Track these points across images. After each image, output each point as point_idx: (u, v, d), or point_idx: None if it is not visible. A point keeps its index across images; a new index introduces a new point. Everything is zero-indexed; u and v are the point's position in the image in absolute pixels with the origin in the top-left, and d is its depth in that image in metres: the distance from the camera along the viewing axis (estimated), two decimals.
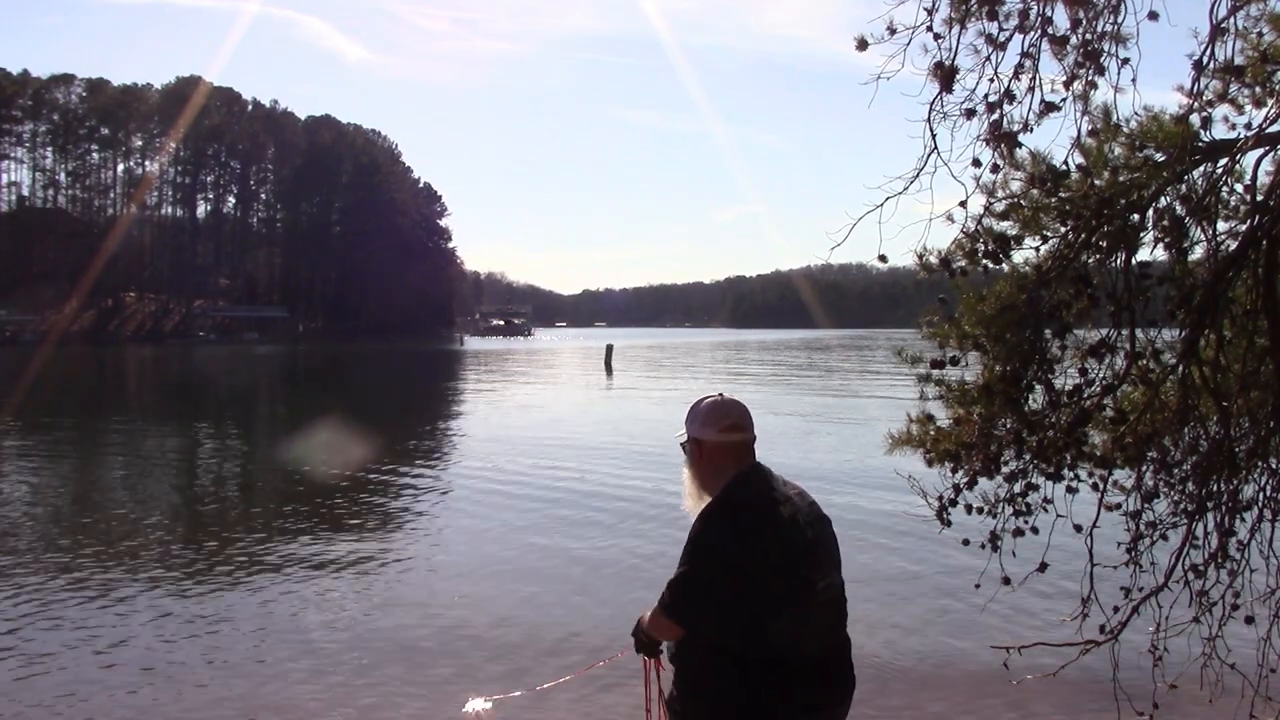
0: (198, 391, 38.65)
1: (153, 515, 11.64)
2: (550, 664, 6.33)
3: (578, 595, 8.14)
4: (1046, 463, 3.95)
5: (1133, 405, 3.93)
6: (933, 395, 4.06)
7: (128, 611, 7.53)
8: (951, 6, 3.79)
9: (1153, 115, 3.71)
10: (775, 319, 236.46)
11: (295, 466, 15.37)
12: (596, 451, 17.21)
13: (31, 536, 10.32)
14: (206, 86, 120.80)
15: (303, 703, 5.81)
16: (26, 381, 36.09)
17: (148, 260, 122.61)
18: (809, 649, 2.64)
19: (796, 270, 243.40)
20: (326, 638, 6.98)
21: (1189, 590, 4.07)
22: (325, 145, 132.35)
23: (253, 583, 8.42)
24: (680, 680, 2.73)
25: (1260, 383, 3.92)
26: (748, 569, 2.57)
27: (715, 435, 2.80)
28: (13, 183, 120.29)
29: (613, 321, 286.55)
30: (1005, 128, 3.86)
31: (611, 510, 11.69)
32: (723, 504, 2.71)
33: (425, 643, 6.89)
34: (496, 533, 10.59)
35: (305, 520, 11.21)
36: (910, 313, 4.20)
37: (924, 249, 3.94)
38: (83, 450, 18.89)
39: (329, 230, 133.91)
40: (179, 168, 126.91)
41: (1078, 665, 4.44)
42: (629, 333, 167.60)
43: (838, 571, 2.79)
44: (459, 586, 8.42)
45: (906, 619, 7.39)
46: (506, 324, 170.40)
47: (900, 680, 6.16)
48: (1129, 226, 3.77)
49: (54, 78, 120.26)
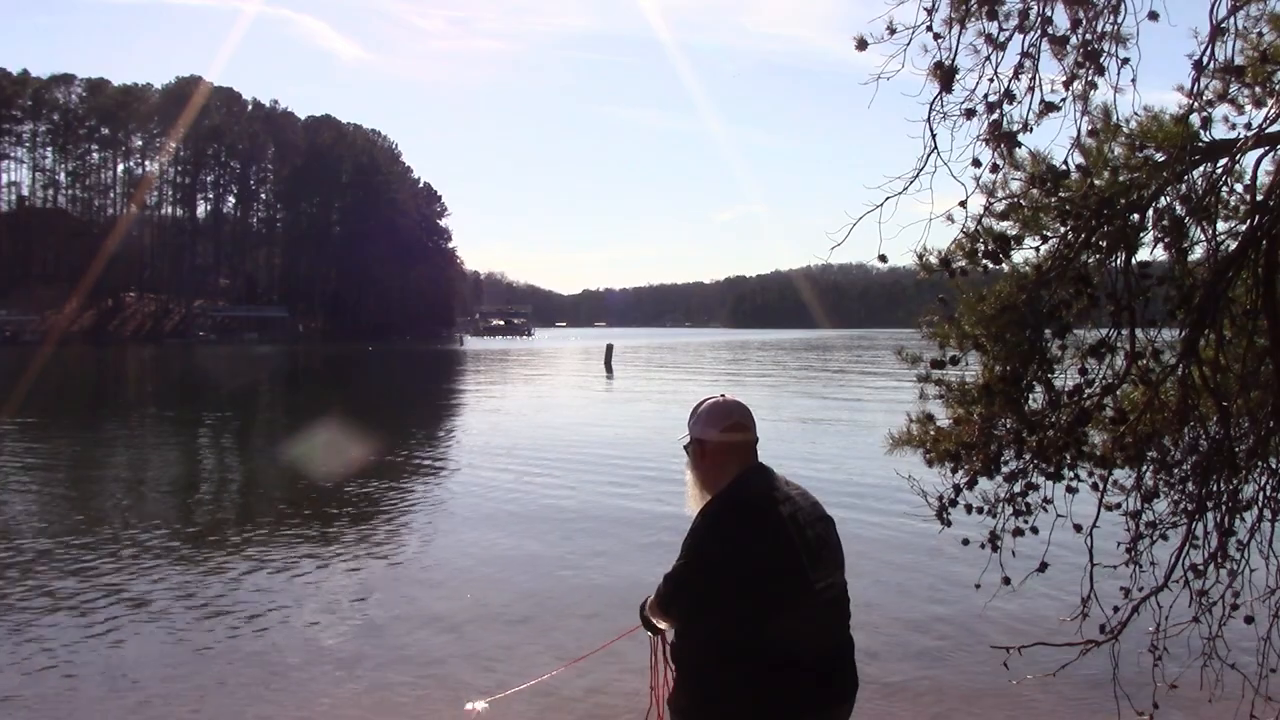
0: (197, 391, 38.63)
1: (152, 515, 11.64)
2: (549, 657, 6.32)
3: (576, 590, 8.13)
4: (1046, 463, 3.95)
5: (1133, 405, 3.94)
6: (933, 395, 4.07)
7: (128, 611, 7.53)
8: (951, 6, 3.79)
9: (1153, 115, 3.71)
10: (775, 319, 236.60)
11: (294, 467, 15.35)
12: (596, 452, 17.21)
13: (31, 537, 10.31)
14: (206, 86, 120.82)
15: (300, 704, 5.80)
16: (26, 381, 36.08)
17: (148, 260, 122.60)
18: (811, 648, 2.63)
19: (796, 270, 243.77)
20: (324, 639, 6.97)
21: (1189, 590, 4.07)
22: (325, 145, 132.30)
23: (248, 583, 8.41)
24: (682, 680, 2.73)
25: (1260, 383, 3.93)
26: (746, 568, 2.58)
27: (717, 435, 2.81)
28: (13, 183, 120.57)
29: (613, 322, 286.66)
30: (1005, 128, 3.87)
31: (612, 510, 11.69)
32: (723, 503, 2.72)
33: (425, 642, 6.89)
34: (494, 532, 10.59)
35: (304, 521, 11.20)
36: (910, 313, 4.20)
37: (924, 249, 3.95)
38: (82, 450, 18.87)
39: (329, 230, 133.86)
40: (179, 168, 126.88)
41: (1078, 665, 4.44)
42: (629, 333, 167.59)
43: (840, 571, 2.79)
44: (457, 587, 8.41)
45: (907, 618, 7.38)
46: (506, 324, 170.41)
47: (900, 680, 6.16)
48: (1129, 226, 3.77)
49: (54, 78, 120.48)
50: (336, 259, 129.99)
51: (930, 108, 3.88)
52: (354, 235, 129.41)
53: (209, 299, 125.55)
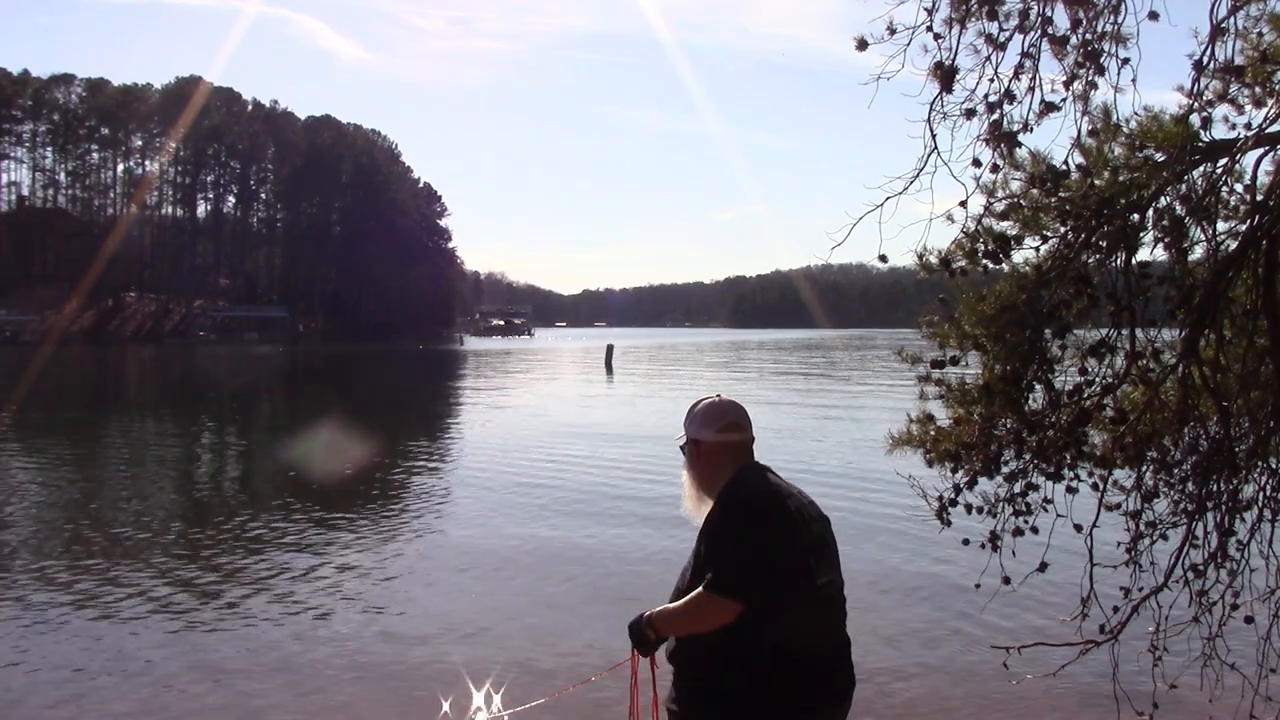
0: (197, 391, 38.63)
1: (151, 514, 11.64)
2: (552, 675, 6.31)
3: (578, 604, 8.13)
4: (1046, 463, 3.95)
5: (1133, 405, 3.94)
6: (933, 395, 4.07)
7: (126, 610, 7.53)
8: (951, 6, 3.80)
9: (1153, 115, 3.72)
10: (775, 319, 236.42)
11: (293, 467, 15.35)
12: (597, 452, 17.20)
13: (29, 536, 10.31)
14: (206, 86, 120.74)
15: (298, 709, 5.80)
16: (26, 381, 36.07)
17: (148, 260, 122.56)
18: (813, 647, 2.63)
19: (796, 270, 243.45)
20: (323, 643, 6.97)
21: (1189, 590, 4.08)
22: (325, 145, 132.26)
23: (245, 589, 8.40)
24: (681, 680, 2.72)
25: (1260, 383, 3.93)
26: (777, 556, 2.55)
27: (713, 435, 2.81)
28: (13, 183, 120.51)
29: (613, 322, 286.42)
30: (1005, 128, 3.87)
31: (613, 512, 11.68)
32: (729, 500, 2.70)
33: (426, 643, 6.89)
34: (494, 537, 10.58)
35: (303, 522, 11.19)
36: (910, 313, 4.20)
37: (924, 249, 3.95)
38: (81, 449, 18.87)
39: (329, 230, 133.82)
40: (179, 168, 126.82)
41: (1078, 665, 4.44)
42: (629, 333, 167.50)
43: (838, 570, 2.79)
44: (456, 591, 8.41)
45: (906, 618, 7.38)
46: (507, 324, 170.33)
47: (900, 680, 6.16)
48: (1129, 226, 3.77)
49: (54, 78, 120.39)
50: (336, 259, 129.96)
51: (930, 108, 3.88)
52: (354, 235, 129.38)
53: (209, 299, 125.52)
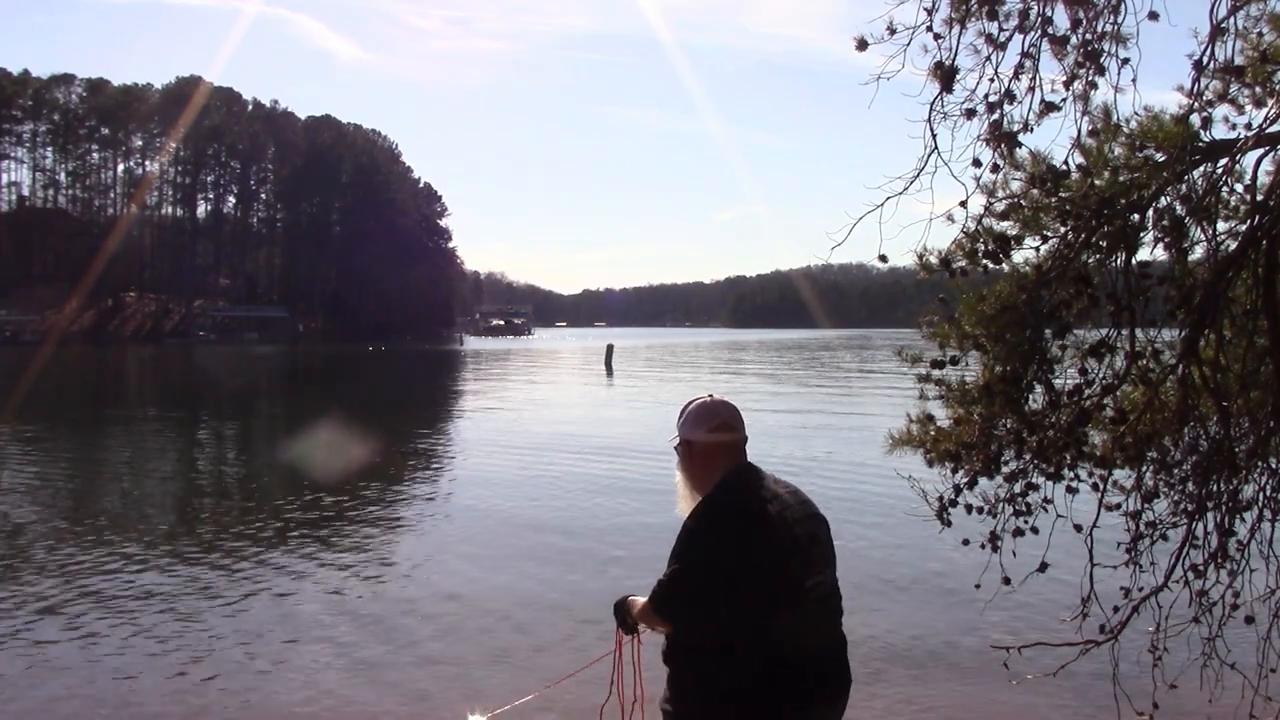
0: (198, 392, 38.63)
1: (150, 513, 11.65)
2: (548, 668, 6.32)
3: (578, 604, 8.13)
4: (1046, 463, 3.95)
5: (1133, 405, 3.94)
6: (933, 395, 4.07)
7: (126, 610, 7.53)
8: (951, 6, 3.80)
9: (1153, 115, 3.72)
10: (775, 319, 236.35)
11: (293, 467, 15.35)
12: (598, 453, 17.21)
13: (28, 535, 10.32)
14: (206, 86, 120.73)
15: (296, 708, 5.80)
16: (26, 381, 36.06)
17: (148, 260, 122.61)
18: (804, 648, 2.63)
19: (796, 270, 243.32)
20: (322, 642, 6.97)
21: (1189, 590, 4.08)
22: (325, 145, 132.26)
23: (245, 586, 8.41)
24: (674, 681, 2.72)
25: (1260, 383, 3.93)
26: (735, 568, 2.57)
27: (704, 436, 2.81)
28: (13, 183, 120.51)
29: (613, 321, 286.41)
30: (1005, 128, 3.87)
31: (614, 512, 11.69)
32: (710, 504, 2.72)
33: (424, 644, 6.89)
34: (494, 536, 10.59)
35: (301, 522, 11.20)
36: (910, 313, 4.20)
37: (924, 249, 3.95)
38: (81, 449, 18.88)
39: (329, 230, 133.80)
40: (179, 168, 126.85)
41: (1078, 665, 4.44)
42: (629, 333, 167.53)
43: (831, 570, 2.78)
44: (455, 591, 8.42)
45: (906, 618, 7.39)
46: (507, 324, 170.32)
47: (900, 680, 6.16)
48: (1129, 226, 3.77)
49: (54, 78, 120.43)
50: (336, 259, 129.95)
51: (930, 108, 3.88)
52: (354, 235, 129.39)
53: (209, 299, 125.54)
